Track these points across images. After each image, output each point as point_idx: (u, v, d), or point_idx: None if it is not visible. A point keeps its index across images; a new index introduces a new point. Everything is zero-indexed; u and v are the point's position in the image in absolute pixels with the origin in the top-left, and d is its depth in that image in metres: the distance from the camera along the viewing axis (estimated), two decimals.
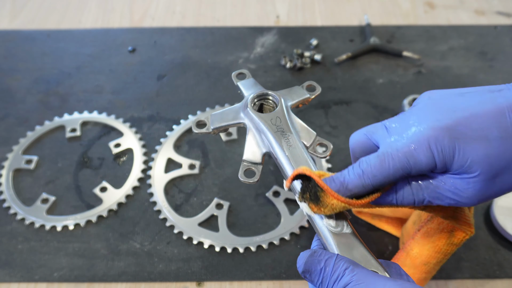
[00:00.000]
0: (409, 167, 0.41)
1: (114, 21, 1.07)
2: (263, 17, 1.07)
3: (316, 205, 0.42)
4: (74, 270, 0.67)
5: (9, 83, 0.93)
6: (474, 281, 0.66)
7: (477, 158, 0.40)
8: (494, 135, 0.40)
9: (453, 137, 0.40)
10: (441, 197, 0.42)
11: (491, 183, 0.41)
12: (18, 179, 0.78)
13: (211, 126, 0.52)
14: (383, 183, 0.42)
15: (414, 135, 0.41)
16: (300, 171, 0.43)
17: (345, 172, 0.42)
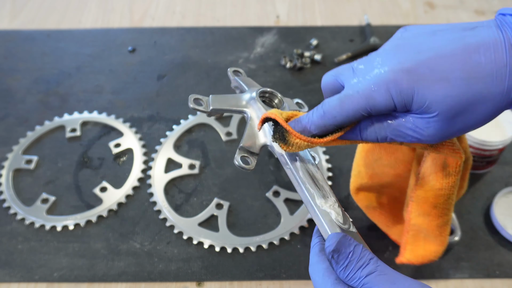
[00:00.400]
0: (368, 109, 0.42)
1: (114, 21, 1.07)
2: (263, 17, 1.07)
3: (284, 144, 0.45)
4: (74, 270, 0.67)
5: (9, 83, 0.93)
6: (474, 281, 0.66)
7: (436, 99, 0.40)
8: (456, 76, 0.40)
9: (412, 79, 0.40)
10: (403, 135, 0.43)
11: (451, 122, 0.42)
12: (18, 179, 0.78)
13: (210, 106, 0.51)
14: (344, 123, 0.44)
15: (374, 77, 0.42)
16: (268, 115, 0.46)
17: (310, 113, 0.45)
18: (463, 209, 0.73)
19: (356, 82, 0.43)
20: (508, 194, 0.73)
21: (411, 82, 0.40)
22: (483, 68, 0.40)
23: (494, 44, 0.40)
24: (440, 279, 0.66)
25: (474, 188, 0.75)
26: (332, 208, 0.45)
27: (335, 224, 0.43)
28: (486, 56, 0.40)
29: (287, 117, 0.46)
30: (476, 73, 0.40)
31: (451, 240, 0.67)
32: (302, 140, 0.44)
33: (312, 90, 0.90)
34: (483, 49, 0.40)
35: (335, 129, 0.44)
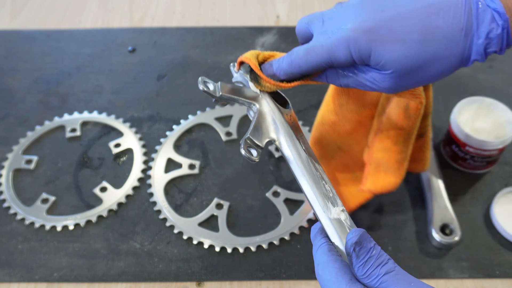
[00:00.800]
0: (330, 62, 0.46)
1: (114, 21, 1.07)
2: (263, 17, 1.07)
3: (258, 85, 0.51)
4: (74, 270, 0.67)
5: (9, 83, 0.93)
6: (474, 281, 0.66)
7: (391, 59, 0.43)
8: (413, 38, 0.42)
9: (371, 39, 0.43)
10: (363, 85, 0.48)
11: (406, 78, 0.45)
12: (18, 179, 0.78)
13: (219, 92, 0.51)
14: (309, 71, 0.48)
15: (337, 33, 0.45)
16: (243, 59, 0.51)
17: (280, 59, 0.49)
18: (463, 209, 0.73)
19: (322, 35, 0.46)
20: (508, 194, 0.73)
21: (369, 41, 0.43)
22: (440, 31, 0.42)
23: (454, 7, 0.42)
24: (440, 279, 0.66)
25: (474, 188, 0.75)
26: (342, 212, 0.45)
27: (345, 226, 0.44)
28: (444, 19, 0.42)
29: (264, 58, 0.51)
30: (433, 35, 0.42)
31: (451, 240, 0.67)
32: (270, 83, 0.50)
33: (312, 90, 0.90)
34: (443, 12, 0.42)
35: (301, 76, 0.49)
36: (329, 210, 0.45)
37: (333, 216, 0.44)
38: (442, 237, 0.67)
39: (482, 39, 0.42)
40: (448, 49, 0.42)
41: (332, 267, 0.41)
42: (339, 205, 0.46)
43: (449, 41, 0.42)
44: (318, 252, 0.43)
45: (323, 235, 0.45)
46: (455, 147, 0.75)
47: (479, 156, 0.73)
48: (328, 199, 0.46)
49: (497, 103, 0.74)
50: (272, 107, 0.51)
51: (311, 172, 0.47)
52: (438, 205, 0.70)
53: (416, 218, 0.72)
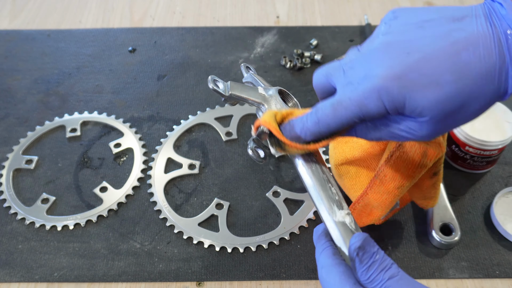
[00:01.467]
0: (361, 115, 0.42)
1: (114, 21, 1.07)
2: (263, 17, 1.07)
3: (280, 149, 0.47)
4: (74, 270, 0.67)
5: (9, 83, 0.93)
6: (474, 281, 0.66)
7: (427, 105, 0.40)
8: (446, 79, 0.39)
9: (403, 86, 0.40)
10: (397, 136, 0.44)
11: (443, 123, 0.41)
12: (18, 179, 0.78)
13: (229, 91, 0.51)
14: (338, 129, 0.44)
15: (365, 84, 0.41)
16: (261, 123, 0.47)
17: (304, 118, 0.45)
18: (463, 209, 0.73)
19: (347, 87, 0.43)
20: (508, 194, 0.73)
21: (402, 88, 0.40)
22: (473, 67, 0.39)
23: (483, 39, 0.39)
24: (440, 279, 0.66)
25: (474, 188, 0.75)
26: (347, 215, 0.45)
27: (349, 230, 0.44)
28: (475, 54, 0.39)
29: (282, 117, 0.47)
30: (466, 74, 0.39)
31: (451, 240, 0.67)
32: (298, 149, 0.46)
33: (312, 90, 0.90)
34: (472, 47, 0.39)
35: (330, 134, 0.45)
36: (334, 213, 0.45)
37: (338, 219, 0.44)
38: (442, 237, 0.67)
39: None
40: (483, 86, 0.39)
41: (336, 271, 0.41)
42: (345, 208, 0.46)
43: (483, 78, 0.39)
44: (322, 255, 0.43)
45: (327, 238, 0.44)
46: (455, 147, 0.75)
47: (479, 156, 0.73)
48: (333, 202, 0.46)
49: (497, 103, 0.74)
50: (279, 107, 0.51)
51: (317, 174, 0.47)
52: (438, 205, 0.70)
53: (416, 218, 0.72)
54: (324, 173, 0.48)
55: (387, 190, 0.56)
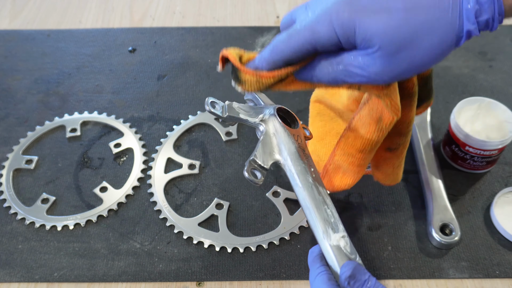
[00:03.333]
0: (313, 42, 0.42)
1: (114, 21, 1.07)
2: (263, 17, 1.07)
3: (239, 83, 0.47)
4: (74, 270, 0.67)
5: (9, 83, 0.93)
6: (473, 281, 0.66)
7: (377, 31, 0.39)
8: (397, 7, 0.39)
9: (354, 10, 0.40)
10: (352, 74, 0.43)
11: (397, 58, 0.40)
12: (18, 179, 0.78)
13: (226, 113, 0.51)
14: (292, 58, 0.43)
15: (320, 11, 0.41)
16: (224, 54, 0.47)
17: (262, 50, 0.45)
18: (463, 209, 0.73)
19: (305, 16, 0.43)
20: (508, 194, 0.73)
21: (353, 13, 0.40)
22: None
23: None
24: (440, 279, 0.66)
25: (474, 188, 0.75)
26: (343, 239, 0.45)
27: (344, 254, 0.44)
28: None
29: (248, 58, 0.47)
30: (418, 3, 0.39)
31: (451, 240, 0.67)
32: (249, 74, 0.45)
33: (312, 90, 0.90)
34: None
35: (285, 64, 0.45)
36: (329, 236, 0.45)
37: (333, 242, 0.44)
38: (442, 237, 0.67)
39: (472, 3, 0.39)
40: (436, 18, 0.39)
41: None
42: (340, 231, 0.45)
43: (436, 9, 0.39)
44: (317, 280, 0.43)
45: (322, 262, 0.44)
46: (455, 147, 0.75)
47: (479, 156, 0.73)
48: (329, 225, 0.45)
49: (497, 103, 0.74)
50: (278, 128, 0.50)
51: (313, 197, 0.47)
52: (438, 205, 0.70)
53: (416, 218, 0.72)
54: (321, 194, 0.47)
55: (351, 152, 0.57)
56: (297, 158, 0.49)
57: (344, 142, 0.57)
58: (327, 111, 0.69)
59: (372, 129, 0.54)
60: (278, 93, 0.90)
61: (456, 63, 0.95)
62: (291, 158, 0.49)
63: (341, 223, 0.46)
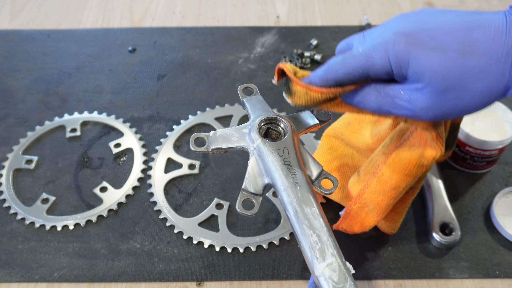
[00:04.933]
0: (366, 67, 0.43)
1: (114, 21, 1.07)
2: (263, 17, 1.07)
3: (289, 95, 0.48)
4: (74, 270, 0.67)
5: (9, 83, 0.93)
6: (474, 281, 0.66)
7: (430, 67, 0.41)
8: (453, 48, 0.40)
9: (410, 43, 0.41)
10: (398, 106, 0.44)
11: (444, 97, 0.42)
12: (18, 179, 0.78)
13: (211, 146, 0.49)
14: (344, 80, 0.45)
15: (376, 39, 0.43)
16: (280, 66, 0.49)
17: (317, 69, 0.48)
18: (463, 209, 0.73)
19: (362, 43, 0.45)
20: (508, 194, 0.73)
21: (408, 45, 0.41)
22: (481, 44, 0.40)
23: (495, 24, 0.40)
24: (440, 279, 0.66)
25: (474, 188, 0.75)
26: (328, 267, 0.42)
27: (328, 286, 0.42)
28: (485, 34, 0.40)
29: (302, 75, 0.49)
30: (473, 48, 0.40)
31: (451, 240, 0.67)
32: (300, 86, 0.47)
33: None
34: (484, 28, 0.41)
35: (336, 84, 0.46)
36: (315, 266, 0.43)
37: (318, 274, 0.42)
38: (442, 237, 0.67)
39: None
40: (488, 65, 0.40)
41: None
42: (327, 258, 0.42)
43: (489, 57, 0.40)
44: None
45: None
46: (455, 147, 0.75)
47: (479, 156, 0.73)
48: (314, 253, 0.43)
49: (497, 103, 0.74)
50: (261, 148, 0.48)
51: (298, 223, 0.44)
52: (438, 205, 0.70)
53: (416, 218, 0.72)
54: (306, 217, 0.44)
55: (383, 190, 0.55)
56: (280, 178, 0.46)
57: (377, 180, 0.55)
58: (341, 147, 0.68)
59: (412, 165, 0.53)
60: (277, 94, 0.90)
61: None
62: (275, 179, 0.46)
63: (330, 246, 0.43)
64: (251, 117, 0.52)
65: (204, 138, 0.50)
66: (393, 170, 0.54)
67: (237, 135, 0.50)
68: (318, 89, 0.46)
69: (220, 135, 0.50)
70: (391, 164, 0.54)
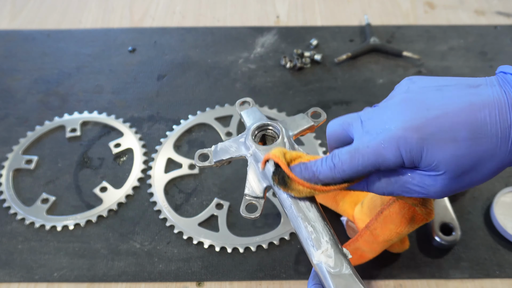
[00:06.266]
0: (377, 164, 0.43)
1: (114, 21, 1.07)
2: (263, 17, 1.07)
3: (284, 188, 0.46)
4: (74, 270, 0.67)
5: (9, 83, 0.93)
6: (474, 281, 0.66)
7: (444, 159, 0.41)
8: (463, 136, 0.41)
9: (422, 138, 0.41)
10: (410, 191, 0.45)
11: (458, 180, 0.43)
12: (18, 179, 0.78)
13: (213, 159, 0.52)
14: (352, 177, 0.44)
15: (385, 134, 0.42)
16: (270, 157, 0.47)
17: (318, 162, 0.45)
18: (463, 209, 0.73)
19: (366, 136, 0.44)
20: (508, 194, 0.73)
21: (421, 140, 0.41)
22: (489, 128, 0.41)
23: (498, 104, 0.41)
24: (440, 279, 0.66)
25: (474, 188, 0.75)
26: (324, 254, 0.44)
27: (325, 271, 0.43)
28: (491, 116, 0.41)
29: (291, 158, 0.47)
30: (482, 133, 0.41)
31: (451, 240, 0.67)
32: (305, 187, 0.45)
33: (312, 90, 0.90)
34: (488, 109, 0.41)
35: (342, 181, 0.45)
36: (312, 254, 0.45)
37: (315, 261, 0.44)
38: (442, 237, 0.67)
39: None
40: (498, 146, 0.41)
41: None
42: (322, 245, 0.45)
43: (498, 139, 0.41)
44: None
45: (315, 281, 0.46)
46: None
47: None
48: (310, 243, 0.45)
49: None
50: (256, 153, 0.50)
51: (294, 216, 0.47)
52: (438, 205, 0.70)
53: None
54: (301, 210, 0.47)
55: (376, 241, 0.58)
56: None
57: (369, 234, 0.58)
58: None
59: (402, 226, 0.55)
60: (277, 94, 0.90)
61: (456, 63, 0.95)
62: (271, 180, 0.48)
63: (325, 234, 0.45)
64: (247, 127, 0.54)
65: (207, 153, 0.52)
66: (384, 226, 0.56)
67: (235, 145, 0.53)
68: (325, 189, 0.45)
69: (220, 148, 0.53)
70: (383, 221, 0.56)
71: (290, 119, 0.55)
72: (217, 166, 0.53)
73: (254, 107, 0.57)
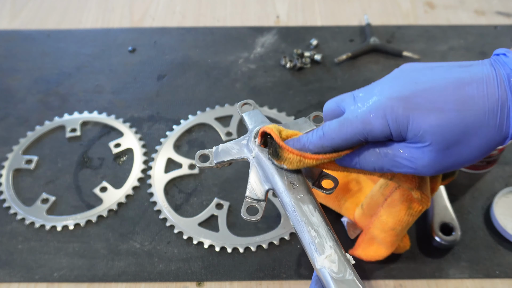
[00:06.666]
0: (365, 133, 0.44)
1: (114, 21, 1.07)
2: (263, 17, 1.07)
3: (277, 159, 0.47)
4: (74, 270, 0.67)
5: (9, 83, 0.93)
6: (473, 281, 0.66)
7: (430, 128, 0.42)
8: (449, 107, 0.42)
9: (408, 107, 0.42)
10: (399, 165, 0.45)
11: (445, 154, 0.43)
12: (18, 179, 0.78)
13: (214, 161, 0.52)
14: (341, 146, 0.45)
15: (373, 104, 0.43)
16: (264, 129, 0.48)
17: (309, 133, 0.47)
18: (463, 209, 0.73)
19: (356, 108, 0.45)
20: (508, 194, 0.73)
21: (407, 110, 0.42)
22: (476, 101, 0.42)
23: (486, 79, 0.42)
24: (440, 279, 0.66)
25: (474, 188, 0.75)
26: (328, 259, 0.44)
27: (328, 276, 0.43)
28: (478, 90, 0.42)
29: (287, 135, 0.48)
30: (469, 105, 0.42)
31: (451, 240, 0.67)
32: (294, 154, 0.46)
33: (312, 90, 0.90)
34: (476, 83, 0.42)
35: (332, 150, 0.46)
36: (315, 259, 0.45)
37: (319, 266, 0.44)
38: (442, 237, 0.67)
39: None
40: (485, 120, 0.41)
41: None
42: (326, 250, 0.45)
43: (485, 112, 0.41)
44: None
45: (318, 286, 0.46)
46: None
47: None
48: (314, 248, 0.45)
49: None
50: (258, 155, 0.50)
51: (297, 221, 0.47)
52: (438, 205, 0.70)
53: None
54: (304, 215, 0.47)
55: (383, 228, 0.60)
56: (278, 181, 0.48)
57: (377, 220, 0.60)
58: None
59: (402, 213, 0.58)
60: (277, 94, 0.90)
61: None
62: (274, 182, 0.49)
63: (328, 239, 0.45)
64: (249, 129, 0.55)
65: (208, 154, 0.52)
66: (388, 214, 0.59)
67: (237, 147, 0.53)
68: (313, 156, 0.46)
69: (221, 149, 0.53)
70: (386, 208, 0.59)
71: (292, 122, 0.55)
72: (217, 167, 0.53)
73: (256, 109, 0.57)
